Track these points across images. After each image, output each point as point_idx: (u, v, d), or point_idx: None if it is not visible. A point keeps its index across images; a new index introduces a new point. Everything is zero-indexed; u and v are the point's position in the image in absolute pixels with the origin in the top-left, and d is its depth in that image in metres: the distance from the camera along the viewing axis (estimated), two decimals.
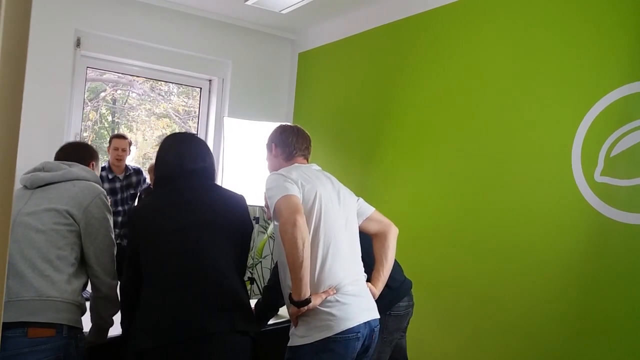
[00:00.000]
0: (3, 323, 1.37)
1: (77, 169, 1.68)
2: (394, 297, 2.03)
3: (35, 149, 3.02)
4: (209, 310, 1.51)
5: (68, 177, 1.64)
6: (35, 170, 1.66)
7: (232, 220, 1.69)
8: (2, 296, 0.61)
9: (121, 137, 3.53)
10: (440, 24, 2.98)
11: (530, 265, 2.35)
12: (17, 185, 1.66)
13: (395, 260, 1.94)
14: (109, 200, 1.73)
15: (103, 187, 1.72)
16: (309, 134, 1.94)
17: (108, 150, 3.55)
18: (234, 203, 1.74)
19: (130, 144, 3.57)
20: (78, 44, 3.43)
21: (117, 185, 3.50)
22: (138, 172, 3.64)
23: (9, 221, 0.63)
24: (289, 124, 1.99)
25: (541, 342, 2.28)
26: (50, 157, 1.80)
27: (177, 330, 1.46)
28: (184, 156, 1.71)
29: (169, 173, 1.71)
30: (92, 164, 1.81)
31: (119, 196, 3.50)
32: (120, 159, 3.47)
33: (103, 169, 3.48)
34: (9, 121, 0.62)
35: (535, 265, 2.33)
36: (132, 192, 3.57)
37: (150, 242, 1.60)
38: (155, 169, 1.78)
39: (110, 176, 3.48)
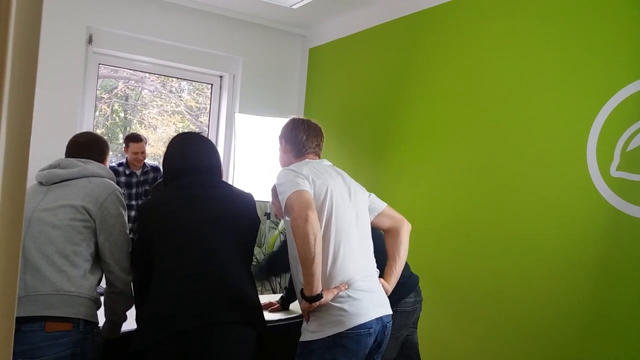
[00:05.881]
0: (21, 317, 1.40)
1: (93, 166, 1.70)
2: (401, 293, 2.02)
3: (47, 146, 3.04)
4: (216, 301, 1.53)
5: (84, 174, 1.66)
6: (51, 167, 1.68)
7: (240, 215, 1.72)
8: (16, 290, 0.62)
9: (138, 140, 3.54)
10: (453, 18, 2.95)
11: (544, 260, 2.33)
12: (32, 181, 1.68)
13: None
14: (124, 194, 1.75)
15: (119, 180, 1.75)
16: (321, 127, 1.91)
17: (125, 151, 3.59)
18: (242, 199, 1.76)
19: (146, 142, 3.61)
20: (90, 40, 3.46)
21: (134, 180, 3.57)
22: (156, 169, 3.67)
23: (22, 218, 0.63)
24: (301, 117, 1.95)
25: (554, 338, 2.26)
26: (63, 154, 1.81)
27: (183, 320, 1.48)
28: (188, 154, 1.76)
29: (175, 170, 1.76)
30: (106, 160, 1.83)
31: (133, 190, 3.55)
32: (140, 161, 3.55)
33: (120, 164, 3.54)
34: (21, 119, 0.62)
35: (549, 261, 2.31)
36: (147, 187, 3.61)
37: (160, 235, 1.62)
38: (162, 167, 1.84)
39: (127, 171, 3.54)
